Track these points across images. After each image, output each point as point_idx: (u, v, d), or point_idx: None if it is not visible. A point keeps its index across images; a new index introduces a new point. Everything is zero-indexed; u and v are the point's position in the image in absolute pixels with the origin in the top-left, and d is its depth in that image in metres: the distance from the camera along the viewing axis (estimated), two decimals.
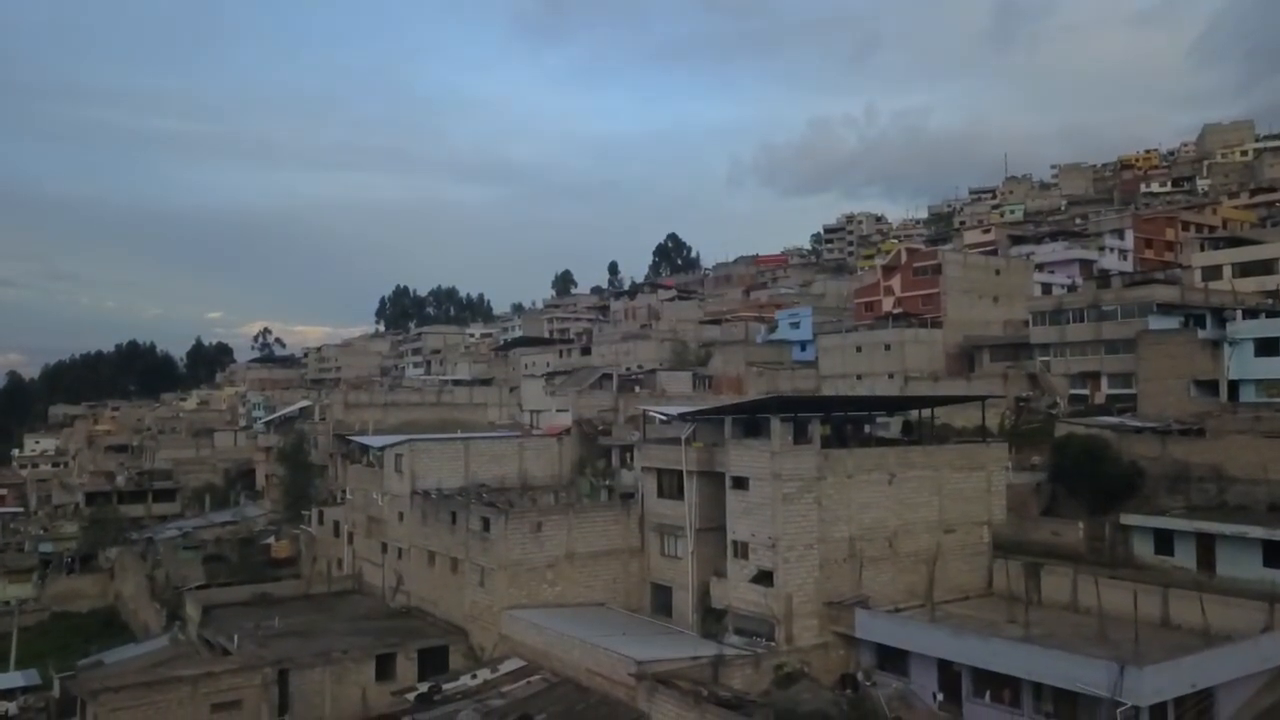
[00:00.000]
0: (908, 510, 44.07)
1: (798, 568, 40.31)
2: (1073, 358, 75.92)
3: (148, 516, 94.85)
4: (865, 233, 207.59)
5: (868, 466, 42.95)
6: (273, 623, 49.76)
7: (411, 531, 53.12)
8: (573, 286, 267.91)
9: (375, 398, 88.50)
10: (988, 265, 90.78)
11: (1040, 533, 53.90)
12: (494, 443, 56.07)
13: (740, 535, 41.88)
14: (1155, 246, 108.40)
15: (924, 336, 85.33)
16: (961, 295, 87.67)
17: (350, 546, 60.71)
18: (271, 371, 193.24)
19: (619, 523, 48.07)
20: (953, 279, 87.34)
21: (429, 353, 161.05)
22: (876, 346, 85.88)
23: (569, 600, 46.25)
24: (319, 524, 66.02)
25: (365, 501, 58.68)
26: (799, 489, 40.60)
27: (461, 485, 54.10)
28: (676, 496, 46.32)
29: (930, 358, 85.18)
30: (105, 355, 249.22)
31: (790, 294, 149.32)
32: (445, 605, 49.81)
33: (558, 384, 60.86)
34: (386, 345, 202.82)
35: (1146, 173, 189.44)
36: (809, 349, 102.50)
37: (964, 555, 45.74)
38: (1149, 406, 67.44)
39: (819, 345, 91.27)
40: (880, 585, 42.87)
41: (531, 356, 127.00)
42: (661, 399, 60.24)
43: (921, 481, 44.58)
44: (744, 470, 41.69)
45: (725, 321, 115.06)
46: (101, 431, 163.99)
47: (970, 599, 44.88)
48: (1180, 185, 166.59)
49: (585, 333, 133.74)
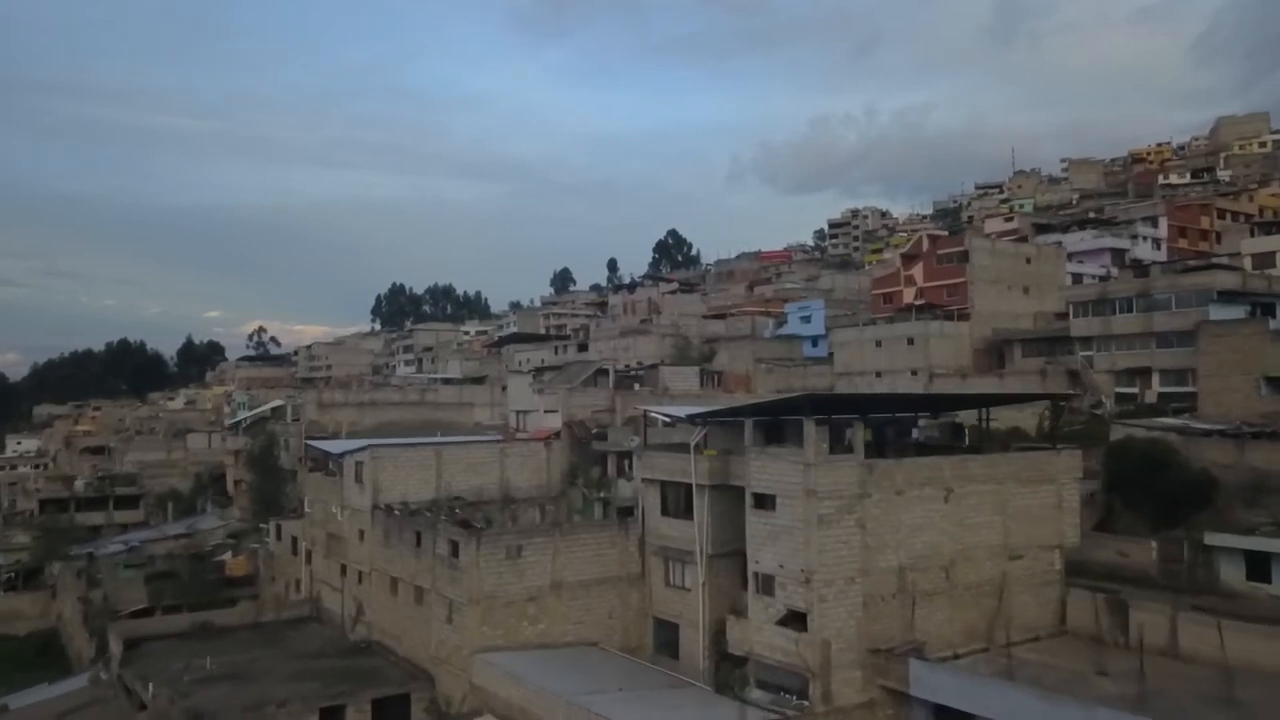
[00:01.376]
0: (967, 533, 35.52)
1: (837, 607, 31.77)
2: (1119, 352, 67.43)
3: (108, 525, 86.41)
4: (871, 228, 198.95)
5: (919, 480, 34.39)
6: (204, 663, 41.24)
7: (373, 553, 44.59)
8: (571, 284, 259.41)
9: (351, 396, 79.98)
10: (1018, 253, 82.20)
11: (1104, 552, 45.48)
12: (470, 449, 47.54)
13: (764, 566, 33.35)
14: (1189, 235, 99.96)
15: (950, 330, 76.83)
16: (989, 285, 79.13)
17: (308, 567, 52.19)
18: (261, 370, 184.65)
19: (615, 545, 39.53)
20: (980, 268, 78.79)
21: (420, 350, 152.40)
22: (898, 340, 77.38)
23: (555, 640, 37.71)
24: (276, 539, 57.47)
25: (324, 516, 50.16)
26: (838, 509, 32.06)
27: (433, 498, 45.65)
28: (684, 514, 37.84)
29: (956, 352, 76.70)
30: (95, 354, 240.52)
31: (796, 289, 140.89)
32: (409, 642, 41.29)
33: (546, 381, 52.49)
34: (380, 343, 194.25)
35: (1162, 165, 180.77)
36: (821, 344, 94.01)
37: (1032, 586, 37.19)
38: (1211, 406, 59.01)
39: (833, 340, 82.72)
40: (935, 625, 34.33)
41: (525, 353, 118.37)
42: (664, 398, 51.82)
43: (982, 498, 36.03)
44: (769, 485, 33.17)
45: (730, 316, 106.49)
46: (80, 432, 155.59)
47: (1041, 639, 36.36)
48: (1200, 177, 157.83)
49: (582, 329, 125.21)
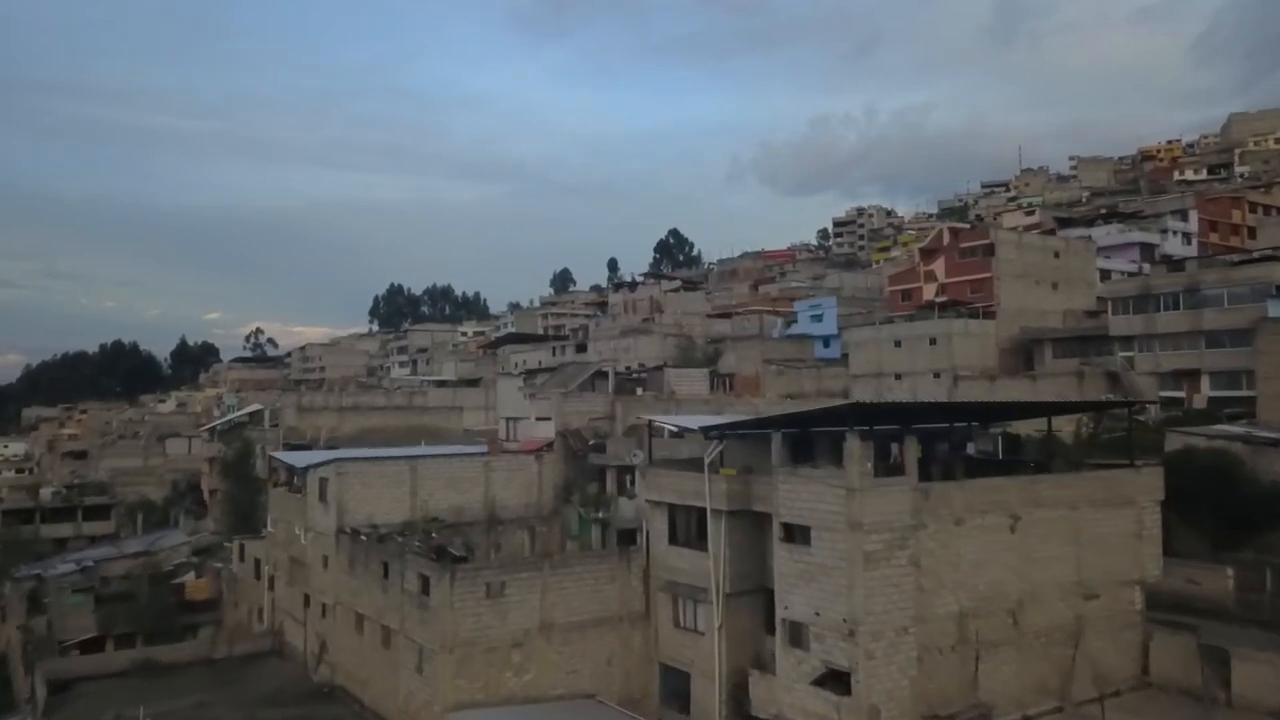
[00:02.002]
0: (1035, 568, 29.29)
1: (887, 664, 25.56)
2: (1163, 353, 61.28)
3: (75, 537, 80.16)
4: (876, 226, 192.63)
5: (982, 506, 28.18)
6: (137, 713, 35.02)
7: (338, 583, 38.37)
8: (571, 285, 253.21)
9: (332, 400, 73.75)
10: (1046, 246, 75.96)
11: (1171, 579, 39.17)
12: (451, 463, 41.26)
13: (796, 612, 27.13)
14: (1220, 230, 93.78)
15: (975, 328, 70.57)
16: (1016, 280, 72.93)
17: (271, 594, 45.96)
18: (254, 372, 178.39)
19: (615, 578, 33.31)
20: (1006, 262, 72.61)
21: (415, 351, 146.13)
22: (919, 340, 71.15)
23: (544, 692, 31.45)
24: (240, 560, 51.24)
25: (288, 537, 43.95)
26: (888, 544, 25.87)
27: (406, 520, 39.42)
28: (697, 543, 31.64)
29: (982, 352, 70.50)
30: (90, 355, 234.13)
31: (802, 287, 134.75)
32: (375, 690, 35.05)
33: (539, 385, 46.28)
34: (375, 344, 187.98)
35: (1174, 162, 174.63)
36: (834, 344, 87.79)
37: (1111, 630, 30.93)
38: (1272, 412, 52.94)
39: (848, 340, 76.47)
40: (1002, 682, 28.10)
41: (522, 354, 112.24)
42: (670, 404, 45.66)
43: (1052, 526, 29.79)
44: (802, 515, 26.97)
45: (736, 315, 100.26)
46: (65, 435, 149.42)
47: (1123, 694, 30.10)
48: (1217, 173, 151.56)
49: (581, 329, 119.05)
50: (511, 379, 48.06)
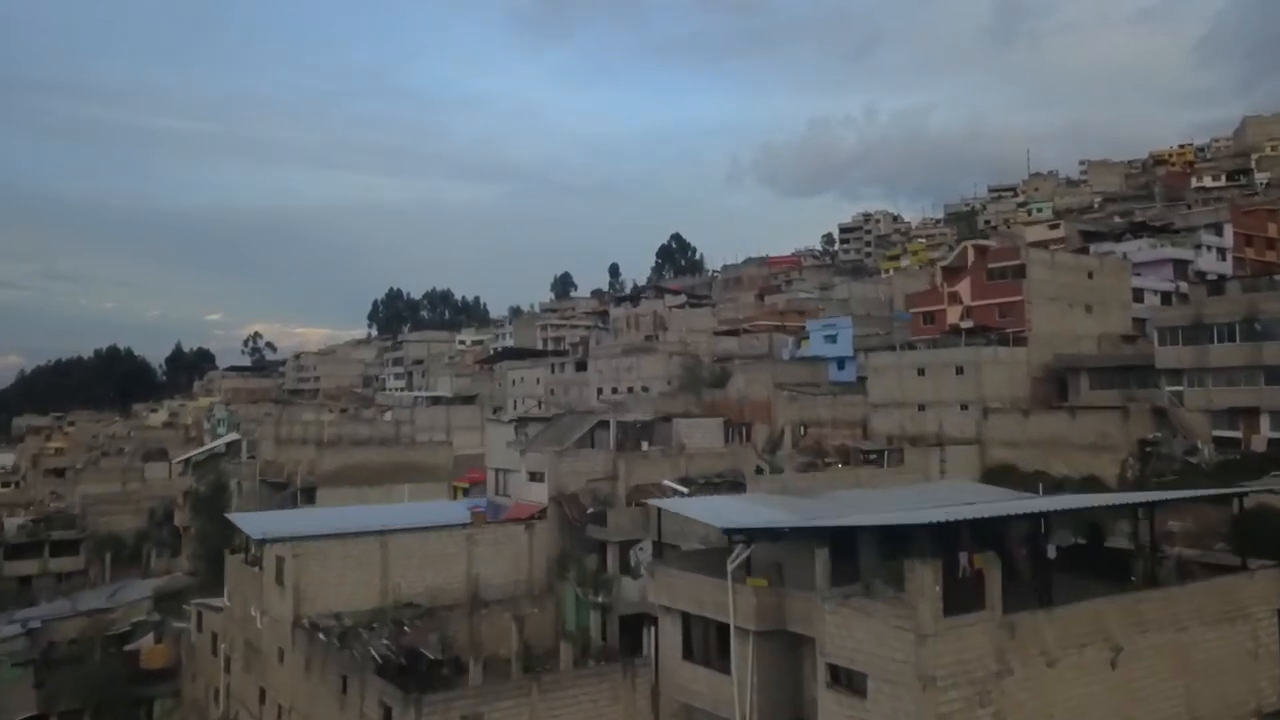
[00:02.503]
0: (1140, 708, 23.32)
1: None
2: (1216, 388, 55.27)
3: (42, 574, 74.21)
4: (883, 232, 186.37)
5: (1078, 638, 22.23)
6: None
7: (294, 684, 32.45)
8: (572, 289, 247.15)
9: (312, 431, 67.83)
10: (1079, 266, 69.88)
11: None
12: (427, 539, 35.22)
13: None
14: (1256, 244, 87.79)
15: (1004, 356, 64.66)
16: (1048, 303, 66.89)
17: (227, 677, 40.03)
18: (247, 381, 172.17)
19: (619, 699, 27.45)
20: (1038, 283, 66.57)
21: (411, 363, 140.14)
22: (944, 369, 65.26)
23: None
24: (197, 630, 45.31)
25: (244, 615, 38.02)
26: (967, 701, 19.93)
27: (376, 606, 33.50)
28: (718, 662, 25.71)
29: (1012, 381, 64.59)
30: (85, 360, 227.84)
31: (810, 298, 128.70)
32: None
33: (531, 436, 40.37)
34: (372, 352, 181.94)
35: (1190, 167, 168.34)
36: (849, 366, 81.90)
37: None
38: None
39: (868, 366, 70.48)
40: None
41: (520, 370, 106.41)
42: (679, 460, 39.71)
43: (1160, 655, 23.83)
44: (855, 657, 21.02)
45: (744, 332, 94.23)
46: (51, 449, 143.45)
47: None
48: (1236, 179, 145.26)
49: (582, 342, 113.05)
50: (502, 428, 42.11)
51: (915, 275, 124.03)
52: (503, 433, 42.81)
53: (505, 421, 43.31)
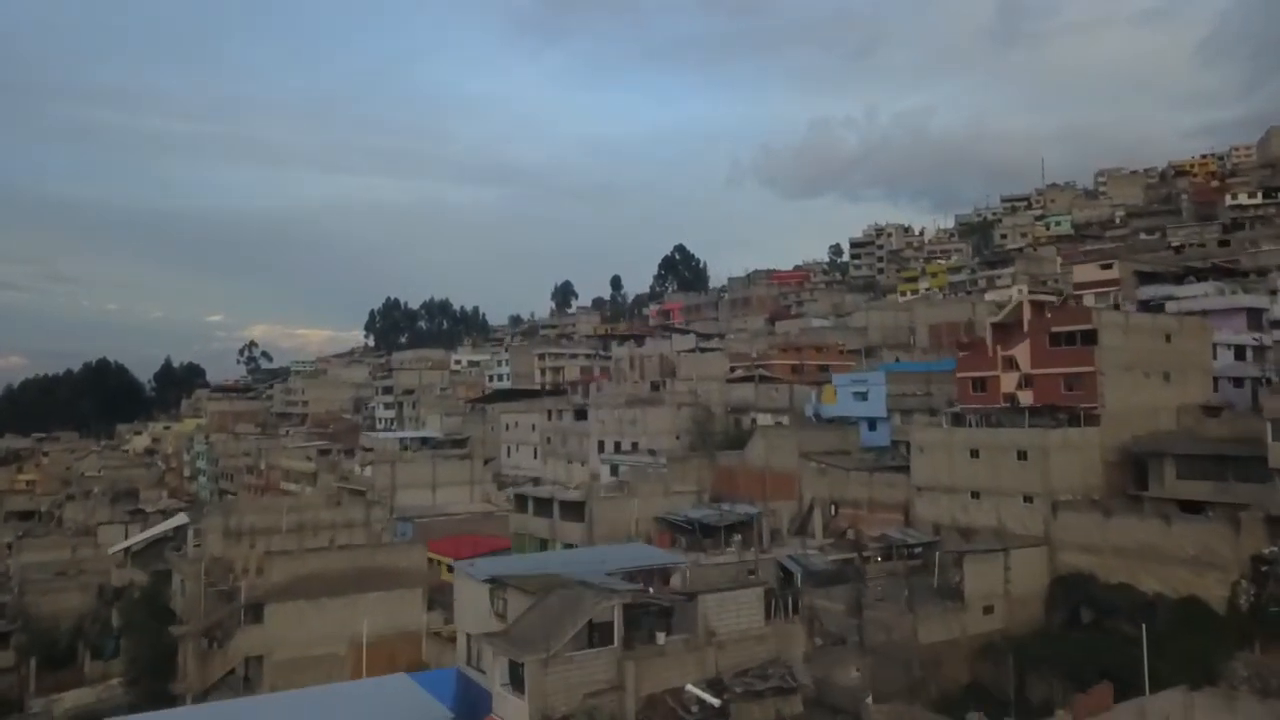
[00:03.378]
0: None
1: None
2: None
3: None
4: (896, 247, 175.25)
5: None
6: None
7: None
8: (573, 298, 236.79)
9: (264, 520, 57.06)
10: (1156, 328, 59.02)
11: None
12: None
13: None
14: None
15: (1075, 439, 53.87)
16: (1123, 373, 56.07)
17: None
18: (234, 404, 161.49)
19: None
20: (1111, 350, 55.73)
21: (401, 392, 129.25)
22: (1004, 451, 54.56)
23: None
24: None
25: None
26: None
27: None
28: None
29: (1084, 469, 53.86)
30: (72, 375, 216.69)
31: (825, 326, 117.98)
32: None
33: (509, 604, 29.64)
34: (364, 371, 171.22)
35: (1221, 180, 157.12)
36: (881, 428, 71.26)
37: None
38: None
39: (914, 442, 59.62)
40: None
41: (514, 414, 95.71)
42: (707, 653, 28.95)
43: None
44: None
45: (761, 379, 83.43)
46: (23, 483, 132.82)
47: None
48: (1273, 196, 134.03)
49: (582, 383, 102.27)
50: (475, 586, 31.47)
51: (939, 304, 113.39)
52: (475, 593, 32.23)
53: (480, 580, 32.43)
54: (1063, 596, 49.95)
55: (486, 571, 33.18)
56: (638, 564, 35.16)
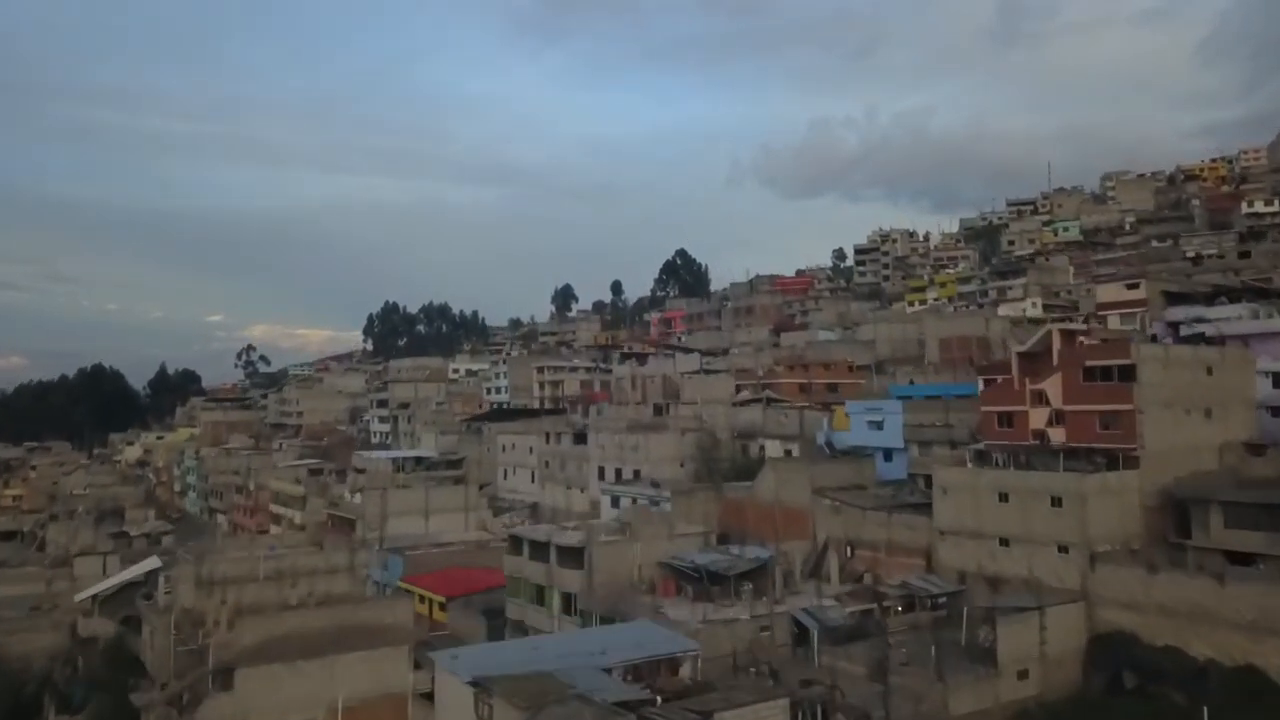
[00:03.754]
0: None
1: None
2: None
3: None
4: (901, 253, 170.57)
5: None
6: None
7: None
8: (574, 301, 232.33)
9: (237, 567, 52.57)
10: (1197, 360, 54.46)
11: None
12: None
13: None
14: None
15: (1114, 483, 49.30)
16: (1163, 410, 51.46)
17: None
18: (228, 414, 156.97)
19: None
20: (1151, 386, 51.15)
21: (396, 406, 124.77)
22: (1036, 496, 49.98)
23: None
24: None
25: None
26: None
27: None
28: None
29: (1123, 515, 49.22)
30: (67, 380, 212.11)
31: (831, 340, 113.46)
32: None
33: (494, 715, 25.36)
34: (360, 380, 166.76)
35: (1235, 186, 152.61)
36: (898, 460, 66.75)
37: None
38: None
39: (937, 482, 55.07)
40: None
41: (511, 436, 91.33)
42: None
43: None
44: None
45: (771, 401, 79.02)
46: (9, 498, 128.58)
47: None
48: None
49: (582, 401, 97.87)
50: (460, 689, 27.06)
51: (950, 317, 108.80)
52: (458, 696, 27.76)
53: (465, 681, 28.07)
54: (1103, 659, 45.47)
55: (471, 669, 28.78)
56: (643, 654, 30.80)
